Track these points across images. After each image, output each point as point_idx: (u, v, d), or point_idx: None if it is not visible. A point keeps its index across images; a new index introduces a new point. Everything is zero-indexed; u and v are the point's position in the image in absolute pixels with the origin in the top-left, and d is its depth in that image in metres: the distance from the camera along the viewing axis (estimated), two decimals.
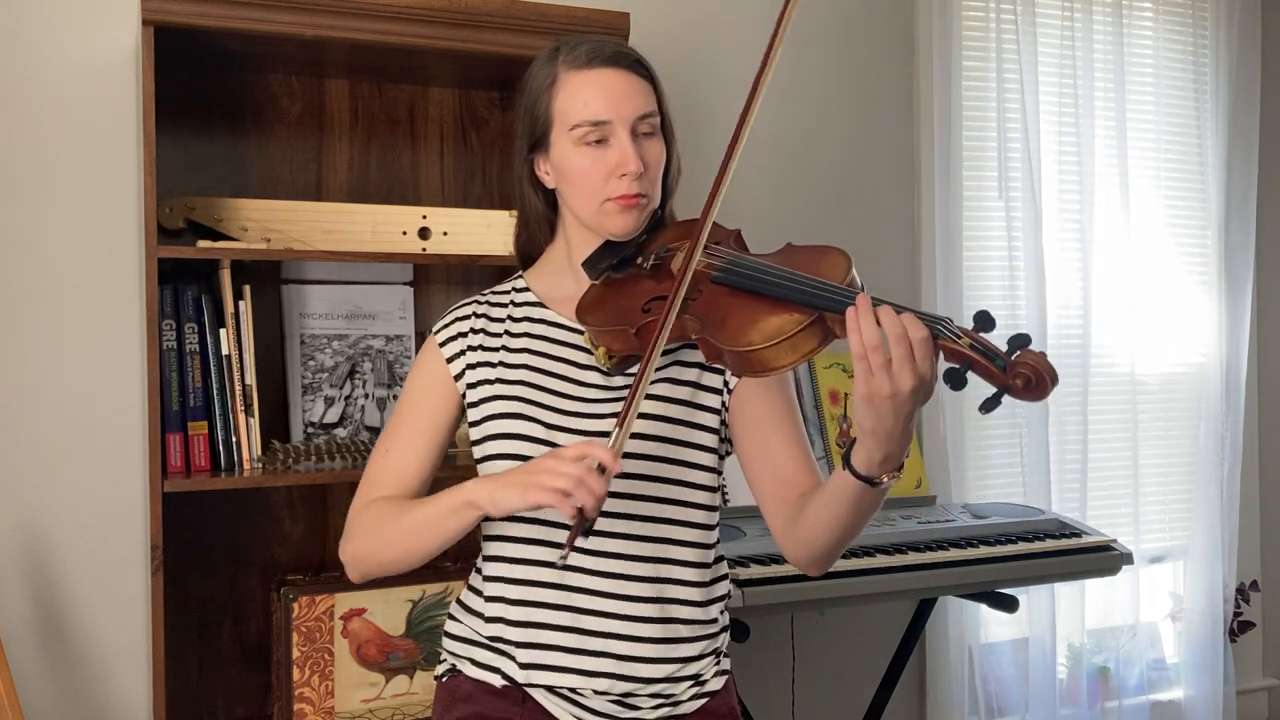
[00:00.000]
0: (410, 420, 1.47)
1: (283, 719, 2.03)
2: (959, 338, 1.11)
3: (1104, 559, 2.33)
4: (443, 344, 1.48)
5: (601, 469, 1.18)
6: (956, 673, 2.79)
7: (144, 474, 2.06)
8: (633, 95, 1.38)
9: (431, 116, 2.33)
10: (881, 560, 2.13)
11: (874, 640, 2.72)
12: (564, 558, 1.22)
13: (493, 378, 1.44)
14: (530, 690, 1.40)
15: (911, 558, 2.15)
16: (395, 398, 2.24)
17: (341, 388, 2.21)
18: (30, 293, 2.07)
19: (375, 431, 2.21)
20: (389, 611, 2.10)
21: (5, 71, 2.06)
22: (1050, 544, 2.29)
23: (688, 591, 1.41)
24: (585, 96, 1.36)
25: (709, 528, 1.44)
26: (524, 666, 1.39)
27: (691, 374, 1.43)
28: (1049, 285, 2.85)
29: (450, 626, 1.50)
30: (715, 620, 1.46)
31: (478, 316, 1.49)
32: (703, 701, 1.43)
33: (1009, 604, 2.35)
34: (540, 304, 1.48)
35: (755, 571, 2.00)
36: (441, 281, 2.32)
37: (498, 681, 1.41)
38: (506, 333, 1.47)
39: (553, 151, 1.40)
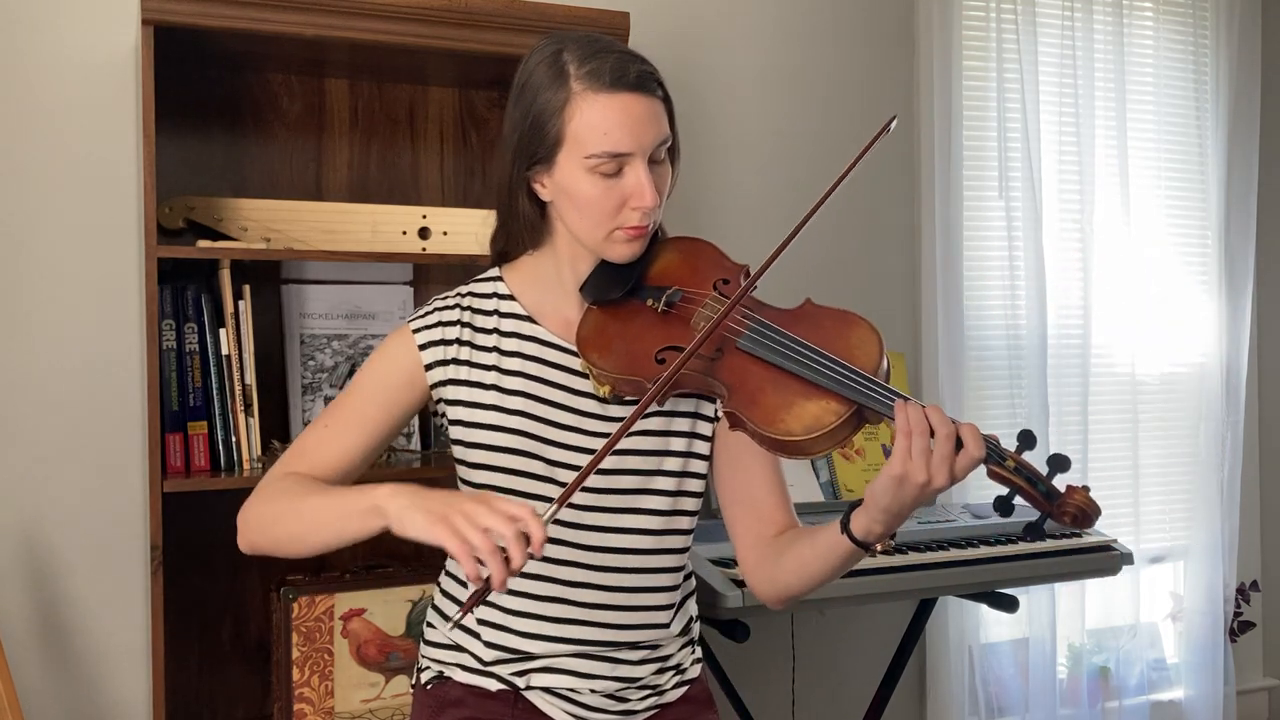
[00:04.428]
0: (361, 405, 1.37)
1: (283, 719, 2.03)
2: (1004, 460, 1.13)
3: (1104, 559, 2.33)
4: (423, 346, 1.38)
5: (527, 540, 1.08)
6: (956, 673, 2.79)
7: (144, 474, 2.06)
8: (654, 122, 1.28)
9: (431, 116, 2.33)
10: (881, 560, 2.13)
11: (874, 640, 2.72)
12: (458, 619, 1.17)
13: (487, 402, 1.37)
14: (526, 692, 1.40)
15: (912, 558, 2.15)
16: None
17: (341, 387, 2.21)
18: (30, 292, 2.07)
19: None
20: (389, 612, 2.10)
21: (5, 71, 2.05)
22: (1050, 544, 2.28)
23: (665, 597, 1.43)
24: (606, 125, 1.25)
25: (686, 551, 1.46)
26: (522, 674, 1.39)
27: (689, 404, 1.41)
28: (1049, 285, 2.84)
29: (431, 635, 1.47)
30: (689, 618, 1.50)
31: (463, 325, 1.39)
32: (684, 690, 1.47)
33: (1009, 604, 2.35)
34: (529, 318, 1.40)
35: None
36: (441, 281, 2.32)
37: (493, 686, 1.40)
38: (498, 349, 1.39)
39: (557, 172, 1.30)
